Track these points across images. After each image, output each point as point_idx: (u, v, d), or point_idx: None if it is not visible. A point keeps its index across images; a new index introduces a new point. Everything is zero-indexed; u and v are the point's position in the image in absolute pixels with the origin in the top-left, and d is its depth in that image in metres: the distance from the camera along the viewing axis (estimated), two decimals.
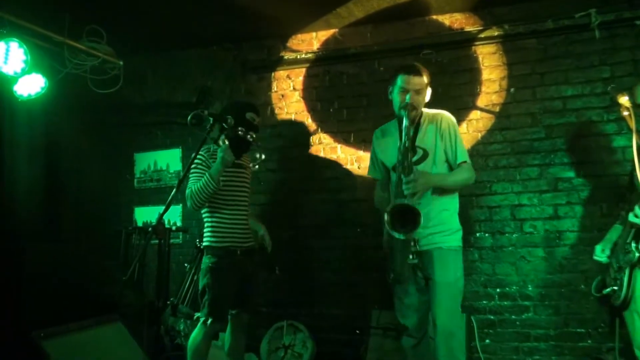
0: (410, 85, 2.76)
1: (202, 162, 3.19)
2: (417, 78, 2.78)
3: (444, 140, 2.82)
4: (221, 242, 3.21)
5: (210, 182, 3.05)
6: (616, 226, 3.01)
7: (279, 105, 4.76)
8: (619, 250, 2.87)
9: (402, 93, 2.77)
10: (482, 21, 4.22)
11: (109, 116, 5.16)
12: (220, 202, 3.22)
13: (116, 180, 5.25)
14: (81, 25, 3.93)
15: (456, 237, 2.83)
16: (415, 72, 2.78)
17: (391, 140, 2.92)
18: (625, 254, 2.80)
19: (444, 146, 2.82)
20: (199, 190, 3.07)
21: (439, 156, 2.81)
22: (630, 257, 2.76)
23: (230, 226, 3.24)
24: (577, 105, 3.97)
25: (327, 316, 4.39)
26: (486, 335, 4.02)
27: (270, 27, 4.52)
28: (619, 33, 3.89)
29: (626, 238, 2.78)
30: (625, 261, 2.80)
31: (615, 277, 2.89)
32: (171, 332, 4.09)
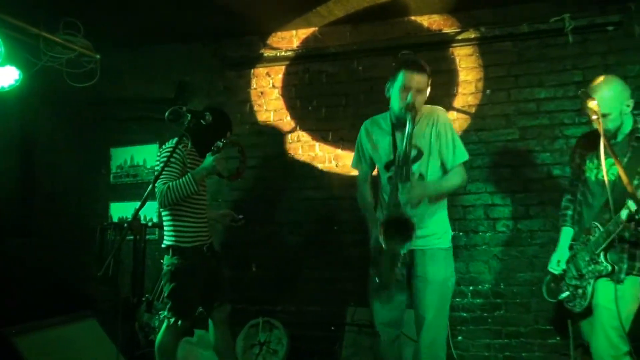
0: (413, 83, 2.59)
1: (179, 159, 3.10)
2: (420, 76, 2.60)
3: (439, 139, 2.72)
4: (190, 242, 3.16)
5: (192, 185, 3.00)
6: (566, 229, 2.93)
7: (258, 102, 4.76)
8: (579, 258, 2.75)
9: (403, 91, 2.60)
10: (460, 23, 4.29)
11: (85, 110, 5.10)
12: (188, 202, 3.14)
13: (92, 175, 5.18)
14: (57, 18, 3.87)
15: (447, 238, 2.81)
16: (419, 68, 2.61)
17: (382, 138, 2.82)
18: (594, 264, 2.65)
19: (439, 146, 2.72)
20: (176, 189, 2.98)
21: (434, 156, 2.73)
22: (599, 269, 2.62)
23: (197, 225, 3.21)
24: (550, 107, 4.06)
25: (303, 313, 4.42)
26: (459, 332, 4.10)
27: (251, 24, 4.51)
28: (591, 38, 3.99)
29: (595, 247, 2.62)
30: (592, 271, 2.67)
31: (575, 285, 2.78)
32: (146, 328, 4.08)
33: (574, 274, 2.79)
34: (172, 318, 3.11)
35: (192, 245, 3.16)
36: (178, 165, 3.08)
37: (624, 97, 2.60)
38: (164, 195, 2.98)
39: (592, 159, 2.73)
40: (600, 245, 2.59)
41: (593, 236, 2.67)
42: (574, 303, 2.78)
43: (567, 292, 2.83)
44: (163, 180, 3.00)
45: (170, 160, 3.01)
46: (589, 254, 2.69)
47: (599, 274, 2.64)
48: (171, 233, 3.16)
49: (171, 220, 3.16)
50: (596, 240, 2.63)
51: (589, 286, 2.68)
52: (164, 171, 3.00)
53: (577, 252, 2.79)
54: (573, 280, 2.80)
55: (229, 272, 4.04)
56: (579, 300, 2.74)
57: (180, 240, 3.14)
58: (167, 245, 3.16)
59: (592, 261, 2.66)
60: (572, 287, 2.80)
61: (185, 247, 3.13)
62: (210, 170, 3.06)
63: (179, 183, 3.00)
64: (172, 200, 3.01)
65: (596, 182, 2.70)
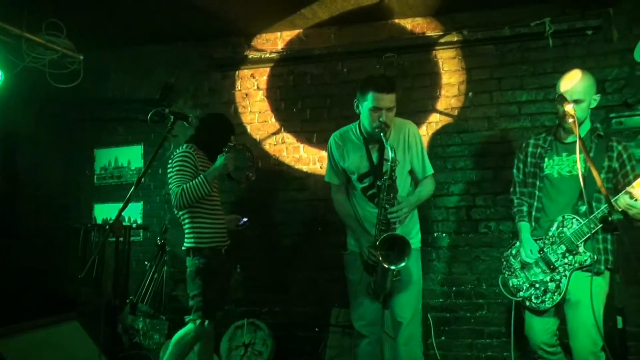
0: (383, 103, 2.69)
1: (191, 160, 3.17)
2: (390, 95, 2.71)
3: (410, 152, 2.88)
4: (209, 242, 3.23)
5: (205, 185, 3.07)
6: (525, 224, 2.91)
7: (243, 104, 4.77)
8: (549, 252, 2.76)
9: (374, 112, 2.70)
10: (443, 26, 4.33)
11: (68, 111, 5.08)
12: (204, 204, 3.22)
13: (75, 176, 5.16)
14: (40, 19, 3.84)
15: (418, 239, 2.95)
16: (389, 89, 2.71)
17: (354, 151, 2.92)
18: (573, 255, 2.67)
19: (410, 158, 2.88)
20: (191, 190, 3.05)
21: (405, 168, 2.88)
22: (580, 259, 2.65)
23: (215, 226, 3.29)
24: (532, 110, 4.12)
25: (287, 314, 4.43)
26: (442, 332, 4.14)
27: (236, 25, 4.52)
28: (571, 42, 4.06)
29: (576, 238, 2.64)
30: (570, 263, 2.68)
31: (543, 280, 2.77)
32: (130, 330, 4.06)
33: (542, 268, 2.79)
34: (198, 320, 3.16)
35: (210, 246, 3.23)
36: (190, 168, 3.15)
37: (594, 90, 2.73)
38: (178, 197, 3.06)
39: (552, 157, 2.82)
40: (584, 235, 2.63)
41: (568, 228, 2.70)
42: (543, 299, 2.75)
43: (532, 289, 2.81)
44: (177, 183, 3.09)
45: (183, 164, 3.12)
46: (564, 246, 2.71)
47: (579, 265, 2.66)
48: (190, 235, 3.23)
49: (189, 222, 3.24)
50: (576, 231, 2.65)
51: (565, 279, 2.70)
52: (176, 175, 3.11)
53: (545, 247, 2.79)
54: (540, 275, 2.79)
55: None
56: (550, 295, 2.74)
57: (199, 241, 3.21)
58: (187, 247, 3.24)
59: (571, 252, 2.69)
60: (538, 282, 2.79)
61: (204, 247, 3.21)
62: (222, 169, 3.15)
63: (192, 184, 3.07)
64: (187, 202, 3.08)
65: (560, 178, 2.77)
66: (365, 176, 2.88)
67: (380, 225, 2.67)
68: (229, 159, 3.16)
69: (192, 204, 3.12)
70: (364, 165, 2.88)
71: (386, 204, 2.65)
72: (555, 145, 2.84)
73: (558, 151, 2.81)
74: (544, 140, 2.91)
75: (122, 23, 4.44)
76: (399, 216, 2.65)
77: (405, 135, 2.88)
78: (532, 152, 2.94)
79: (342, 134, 3.01)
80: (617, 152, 2.71)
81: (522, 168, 3.00)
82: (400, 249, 2.60)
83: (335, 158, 2.99)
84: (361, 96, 2.78)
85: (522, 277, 2.88)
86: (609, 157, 2.71)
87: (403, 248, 2.59)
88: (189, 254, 3.24)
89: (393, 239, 2.62)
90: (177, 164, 3.14)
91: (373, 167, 2.84)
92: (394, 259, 2.60)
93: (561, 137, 2.83)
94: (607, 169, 2.71)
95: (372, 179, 2.84)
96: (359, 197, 2.94)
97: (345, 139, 2.98)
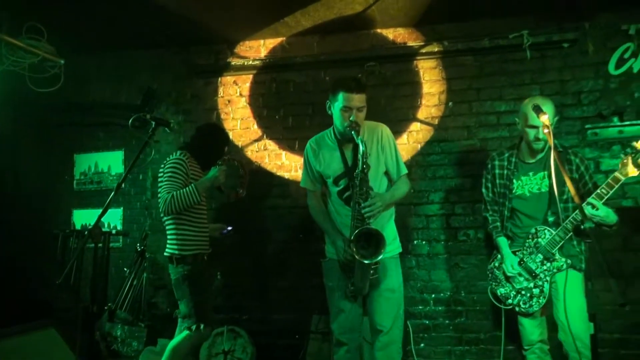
0: (353, 102, 2.74)
1: (183, 168, 3.19)
2: (359, 95, 2.75)
3: (384, 153, 2.91)
4: (192, 249, 3.23)
5: (195, 195, 3.12)
6: (502, 239, 3.20)
7: (225, 110, 4.77)
8: (528, 262, 3.06)
9: (345, 112, 2.75)
10: (424, 37, 4.39)
11: (48, 115, 5.03)
12: (191, 212, 3.24)
13: (54, 182, 5.10)
14: (20, 22, 3.83)
15: (395, 245, 2.96)
16: (358, 89, 2.75)
17: (329, 154, 2.96)
18: (550, 262, 2.99)
19: (385, 158, 2.92)
20: (180, 198, 3.08)
21: (381, 168, 2.91)
22: (557, 265, 2.97)
23: (199, 234, 3.30)
24: (510, 120, 4.19)
25: (268, 321, 4.42)
26: (421, 339, 4.17)
27: (219, 32, 4.53)
28: (548, 54, 4.15)
29: (551, 247, 2.96)
30: (548, 269, 3.00)
31: (527, 287, 3.06)
32: (107, 337, 4.03)
33: (525, 276, 3.08)
34: (193, 325, 3.17)
35: (193, 252, 3.23)
36: (182, 176, 3.17)
37: (555, 113, 3.04)
38: (167, 203, 3.08)
39: (520, 178, 3.13)
40: (557, 243, 2.95)
41: (542, 238, 3.02)
42: (530, 303, 3.05)
43: (519, 296, 3.10)
44: (167, 189, 3.11)
45: (175, 171, 3.15)
46: (541, 255, 3.02)
47: (557, 270, 2.98)
48: (174, 241, 3.23)
49: (174, 228, 3.24)
50: (550, 240, 2.97)
51: (547, 284, 3.02)
52: (167, 181, 3.13)
53: (524, 257, 3.10)
54: (524, 282, 3.09)
55: None
56: (536, 299, 3.03)
57: (182, 249, 3.21)
58: (170, 254, 3.23)
59: (548, 260, 3.01)
60: (524, 289, 3.08)
61: (187, 254, 3.21)
62: (214, 180, 3.23)
63: (182, 192, 3.10)
64: (176, 209, 3.10)
65: (530, 195, 3.10)
66: (341, 178, 2.90)
67: (355, 222, 2.68)
68: (222, 172, 3.23)
69: (180, 211, 3.14)
70: (339, 167, 2.90)
71: (360, 198, 2.66)
72: (520, 166, 3.15)
73: (524, 171, 3.12)
74: (508, 161, 3.20)
75: (104, 28, 4.42)
76: (373, 210, 2.64)
77: (378, 137, 2.91)
78: (499, 173, 3.23)
79: (318, 139, 3.06)
80: (575, 165, 3.05)
81: (491, 187, 3.29)
82: (376, 244, 2.61)
83: (312, 163, 3.02)
84: (332, 97, 2.84)
85: (509, 287, 3.16)
86: (570, 169, 3.03)
87: (378, 242, 2.60)
88: (172, 262, 3.22)
89: (368, 234, 2.62)
90: (168, 170, 3.16)
91: (347, 169, 2.86)
92: (369, 255, 2.61)
93: (524, 158, 3.14)
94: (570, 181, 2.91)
95: (347, 180, 2.86)
96: (335, 201, 2.95)
97: (321, 142, 3.02)
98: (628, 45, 3.97)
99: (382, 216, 2.81)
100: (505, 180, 3.18)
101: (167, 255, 3.25)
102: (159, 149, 4.67)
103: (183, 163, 3.20)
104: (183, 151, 3.29)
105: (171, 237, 3.25)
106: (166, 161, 3.25)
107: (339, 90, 2.78)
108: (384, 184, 2.95)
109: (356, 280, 2.75)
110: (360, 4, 4.00)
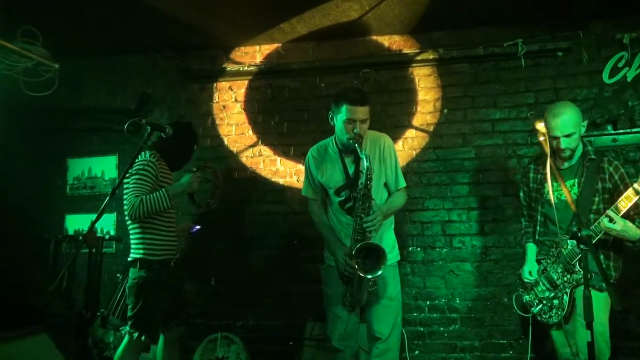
0: (357, 115, 2.74)
1: (152, 170, 3.07)
2: (363, 108, 2.76)
3: (385, 164, 2.92)
4: (158, 254, 3.12)
5: (166, 200, 3.02)
6: (531, 245, 3.13)
7: (220, 116, 4.76)
8: (551, 271, 2.94)
9: (348, 124, 2.76)
10: (419, 44, 4.41)
11: (42, 119, 4.99)
12: (159, 217, 3.13)
13: (47, 186, 5.06)
14: (15, 26, 3.80)
15: (394, 253, 2.96)
16: (362, 102, 2.76)
17: (331, 165, 2.96)
18: (570, 274, 2.84)
19: (385, 170, 2.92)
20: (149, 203, 2.98)
21: (381, 180, 2.92)
22: (576, 277, 2.81)
23: (167, 239, 3.19)
24: (505, 128, 4.22)
25: (262, 327, 4.40)
26: (416, 346, 4.16)
27: (214, 38, 4.53)
28: (543, 63, 4.18)
29: (571, 258, 2.82)
30: (568, 281, 2.85)
31: (548, 297, 2.95)
32: (100, 344, 3.99)
33: (546, 286, 2.98)
34: (135, 333, 3.05)
35: (160, 258, 3.13)
36: (151, 179, 3.07)
37: (580, 119, 2.87)
38: (135, 208, 2.97)
39: (552, 183, 2.89)
40: (577, 255, 2.76)
41: (565, 248, 2.87)
42: (550, 314, 2.94)
43: (540, 305, 3.00)
44: (135, 192, 2.99)
45: (144, 174, 3.02)
46: (562, 265, 2.89)
47: (576, 283, 2.82)
48: (139, 246, 3.11)
49: (140, 233, 3.12)
50: (570, 251, 2.82)
51: (566, 296, 2.87)
52: (135, 184, 3.00)
53: (548, 266, 2.98)
54: (546, 292, 2.97)
55: (188, 287, 4.01)
56: (555, 310, 2.91)
57: (148, 253, 3.09)
58: (134, 258, 3.11)
59: (568, 271, 2.86)
60: (545, 299, 2.98)
61: (153, 260, 3.09)
62: (187, 187, 3.14)
63: (152, 197, 3.00)
64: (144, 214, 2.99)
65: (559, 202, 2.89)
66: (342, 189, 2.91)
67: (356, 235, 2.69)
68: (196, 179, 3.15)
69: (148, 216, 3.03)
70: (341, 178, 2.91)
71: (362, 213, 2.68)
72: (553, 171, 2.91)
73: (556, 177, 2.90)
74: (543, 165, 2.99)
75: (98, 32, 4.40)
76: (374, 224, 2.67)
77: (380, 148, 2.92)
78: (534, 177, 3.11)
79: (320, 148, 3.05)
80: (608, 174, 2.85)
81: (528, 192, 3.18)
82: (376, 258, 2.63)
83: (313, 172, 3.02)
84: (335, 108, 2.83)
85: (533, 294, 3.07)
86: (602, 179, 2.86)
87: (379, 257, 2.62)
88: (134, 265, 3.09)
89: (369, 248, 2.64)
90: (137, 172, 3.03)
91: (349, 180, 2.86)
92: (369, 269, 2.62)
93: (558, 164, 2.96)
94: (602, 190, 2.85)
95: (349, 192, 2.86)
96: (336, 211, 2.96)
97: (323, 153, 3.02)
98: (622, 54, 4.00)
99: (382, 224, 2.82)
100: (539, 184, 3.08)
101: (131, 259, 3.12)
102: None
103: (153, 165, 3.08)
104: (152, 152, 3.14)
105: (137, 242, 3.12)
106: (135, 162, 3.06)
107: (342, 102, 2.77)
108: (384, 196, 2.96)
109: (354, 292, 2.76)
110: (356, 11, 4.01)
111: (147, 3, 3.82)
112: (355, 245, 2.66)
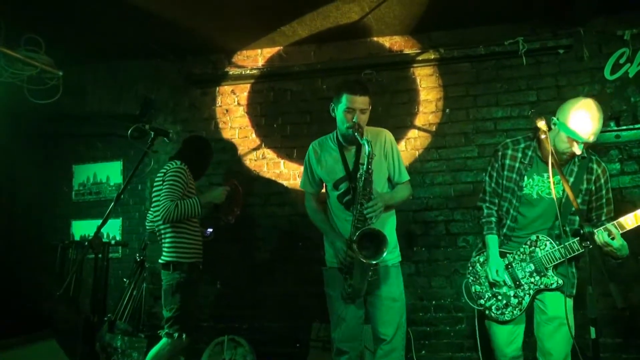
0: (356, 104, 2.75)
1: (184, 177, 3.30)
2: (363, 97, 2.76)
3: (387, 159, 2.92)
4: (189, 258, 3.32)
5: (198, 208, 3.28)
6: (492, 237, 2.87)
7: (223, 119, 4.78)
8: (517, 268, 2.77)
9: (348, 113, 2.76)
10: (420, 44, 4.42)
11: (47, 126, 5.04)
12: (189, 221, 3.35)
13: (53, 192, 5.10)
14: (19, 34, 3.84)
15: (396, 253, 2.93)
16: (362, 91, 2.76)
17: (331, 157, 2.96)
18: (540, 277, 2.70)
19: (387, 164, 2.92)
20: (184, 208, 3.21)
21: (383, 173, 2.90)
22: (546, 282, 2.69)
23: (196, 243, 3.39)
24: (507, 126, 4.22)
25: (268, 329, 4.41)
26: (422, 346, 4.16)
27: (216, 42, 4.56)
28: (544, 60, 4.18)
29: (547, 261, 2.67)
30: (535, 283, 2.72)
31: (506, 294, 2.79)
32: (108, 349, 4.00)
33: (507, 283, 2.79)
34: (175, 333, 3.21)
35: (190, 261, 3.32)
36: (182, 185, 3.28)
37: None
38: (171, 211, 3.17)
39: (532, 176, 2.76)
40: (554, 260, 2.65)
41: (541, 249, 2.71)
42: (503, 311, 2.79)
43: (493, 300, 2.84)
44: (170, 197, 3.20)
45: (177, 180, 3.25)
46: (533, 265, 2.73)
47: (544, 287, 2.70)
48: (172, 249, 3.30)
49: (173, 236, 3.32)
50: (548, 254, 2.67)
51: (528, 297, 2.74)
52: (169, 189, 3.22)
53: (514, 262, 2.80)
54: (504, 288, 2.81)
55: None
56: (511, 308, 2.77)
57: (180, 256, 3.29)
58: (166, 262, 3.30)
59: (538, 273, 2.72)
60: (501, 295, 2.82)
61: (185, 262, 3.29)
62: (217, 199, 3.44)
63: (186, 203, 3.23)
64: (177, 218, 3.21)
65: (539, 199, 2.74)
66: (341, 182, 2.89)
67: (357, 223, 2.66)
68: (225, 193, 3.46)
69: (180, 220, 3.25)
70: (339, 170, 2.90)
71: (362, 198, 2.65)
72: (536, 162, 2.77)
73: (539, 170, 2.75)
74: (523, 153, 2.80)
75: (101, 39, 4.43)
76: (375, 210, 2.64)
77: (382, 142, 2.91)
78: (510, 165, 2.83)
79: (321, 142, 3.07)
80: (595, 175, 2.71)
81: (496, 178, 2.91)
82: (377, 245, 2.60)
83: (312, 165, 3.03)
84: (336, 99, 2.85)
85: (486, 286, 2.88)
86: (588, 179, 2.71)
87: (380, 243, 2.59)
88: (167, 268, 3.28)
89: (370, 234, 2.62)
90: (170, 179, 3.24)
91: (348, 173, 2.86)
92: (371, 255, 2.60)
93: (543, 155, 2.74)
94: (585, 192, 2.72)
95: (348, 184, 2.86)
96: (334, 206, 2.94)
97: (323, 145, 3.03)
98: (623, 50, 4.01)
99: (383, 224, 2.80)
100: (516, 174, 2.80)
101: (163, 262, 3.31)
102: (157, 159, 4.67)
103: (184, 173, 3.31)
104: (183, 162, 3.38)
105: (169, 245, 3.31)
106: (167, 169, 3.32)
107: (342, 92, 2.79)
108: (387, 190, 2.94)
109: (354, 282, 2.73)
110: (356, 13, 4.03)
111: (149, 9, 3.85)
112: (355, 232, 2.63)
